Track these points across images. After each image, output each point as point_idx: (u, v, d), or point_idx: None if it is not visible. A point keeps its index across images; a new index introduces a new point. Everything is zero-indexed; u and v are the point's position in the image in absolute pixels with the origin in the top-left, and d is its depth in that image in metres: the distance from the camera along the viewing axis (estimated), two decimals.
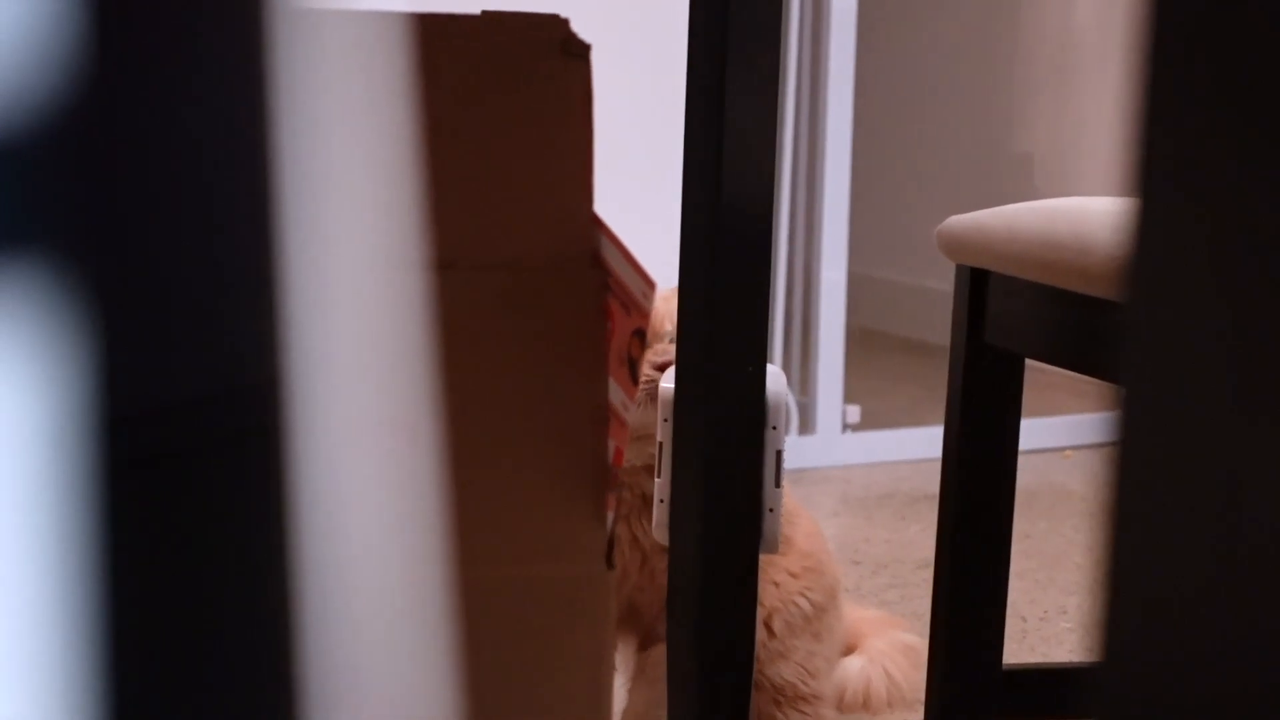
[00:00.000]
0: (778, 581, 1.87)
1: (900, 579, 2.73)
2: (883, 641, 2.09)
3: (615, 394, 1.35)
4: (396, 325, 0.81)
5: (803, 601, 1.88)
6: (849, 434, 3.57)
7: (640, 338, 1.39)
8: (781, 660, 1.87)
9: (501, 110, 1.34)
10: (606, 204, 1.37)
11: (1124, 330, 0.49)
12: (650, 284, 1.34)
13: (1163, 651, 0.48)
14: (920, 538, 2.92)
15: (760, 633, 1.84)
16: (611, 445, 1.36)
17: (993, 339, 1.60)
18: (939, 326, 1.82)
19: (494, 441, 1.34)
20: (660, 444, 1.44)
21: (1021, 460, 1.67)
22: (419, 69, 1.31)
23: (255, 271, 0.49)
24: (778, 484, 1.39)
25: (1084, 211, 1.51)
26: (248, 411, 0.48)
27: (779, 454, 1.39)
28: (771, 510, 1.39)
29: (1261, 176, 0.45)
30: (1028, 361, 1.64)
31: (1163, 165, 0.48)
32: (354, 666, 0.54)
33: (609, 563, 1.36)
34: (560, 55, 1.33)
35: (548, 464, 1.35)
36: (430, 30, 1.32)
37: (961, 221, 1.61)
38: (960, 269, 1.62)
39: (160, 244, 0.46)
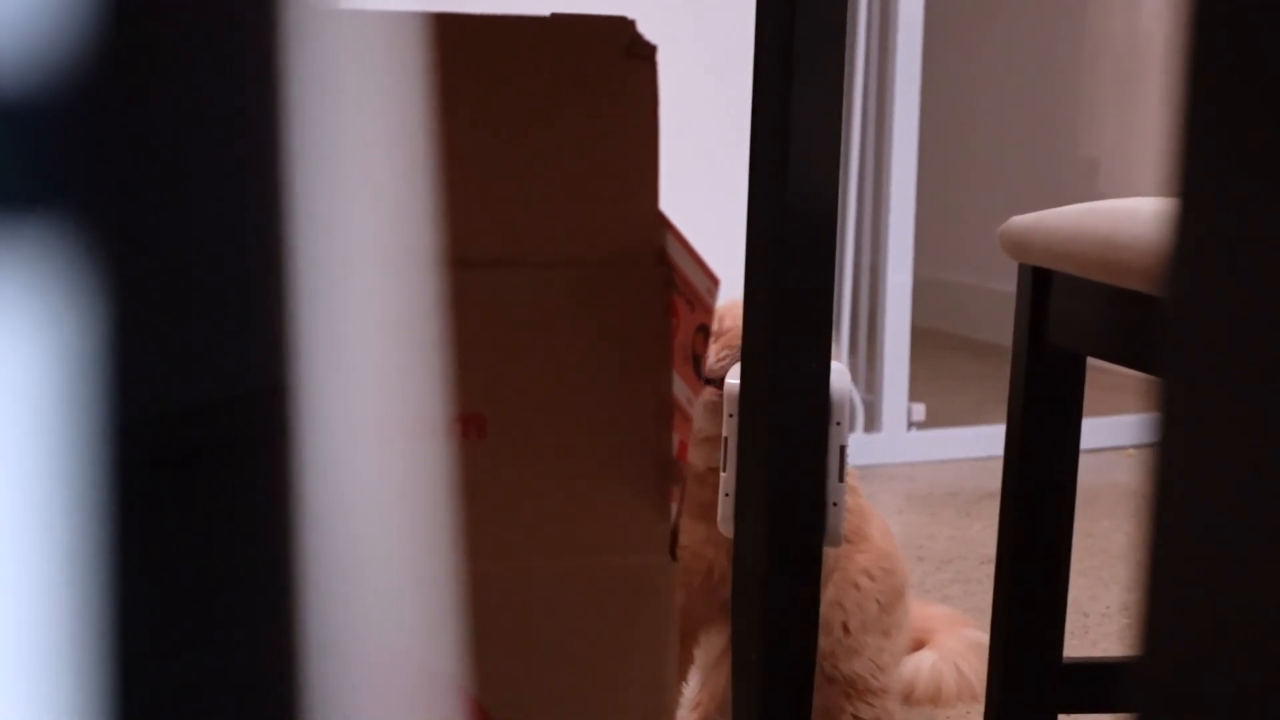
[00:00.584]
0: (859, 585, 1.90)
1: (963, 574, 2.74)
2: (953, 639, 2.10)
3: (679, 389, 1.37)
4: (415, 325, 0.82)
5: (874, 602, 1.91)
6: (914, 432, 3.58)
7: (704, 333, 1.41)
8: (855, 656, 1.90)
9: (568, 110, 1.36)
10: (671, 202, 1.39)
11: (1165, 327, 0.50)
12: (715, 281, 1.35)
13: (1201, 646, 0.48)
14: (983, 534, 2.93)
15: (836, 631, 1.87)
16: (675, 439, 1.38)
17: (1055, 338, 1.60)
18: (1002, 327, 1.82)
19: (559, 434, 1.36)
20: (725, 439, 1.45)
21: (1084, 459, 1.67)
22: (487, 70, 1.33)
23: (272, 273, 0.49)
24: (841, 479, 1.41)
25: (1146, 212, 1.52)
26: (263, 414, 0.49)
27: (842, 449, 1.41)
28: (835, 504, 1.41)
29: None
30: (1090, 361, 1.64)
31: (1204, 164, 0.49)
32: (363, 665, 0.54)
33: (672, 554, 1.38)
34: (626, 56, 1.35)
35: (612, 457, 1.37)
36: (499, 32, 1.34)
37: (1024, 221, 1.62)
38: (1023, 268, 1.63)
39: (177, 245, 0.47)
